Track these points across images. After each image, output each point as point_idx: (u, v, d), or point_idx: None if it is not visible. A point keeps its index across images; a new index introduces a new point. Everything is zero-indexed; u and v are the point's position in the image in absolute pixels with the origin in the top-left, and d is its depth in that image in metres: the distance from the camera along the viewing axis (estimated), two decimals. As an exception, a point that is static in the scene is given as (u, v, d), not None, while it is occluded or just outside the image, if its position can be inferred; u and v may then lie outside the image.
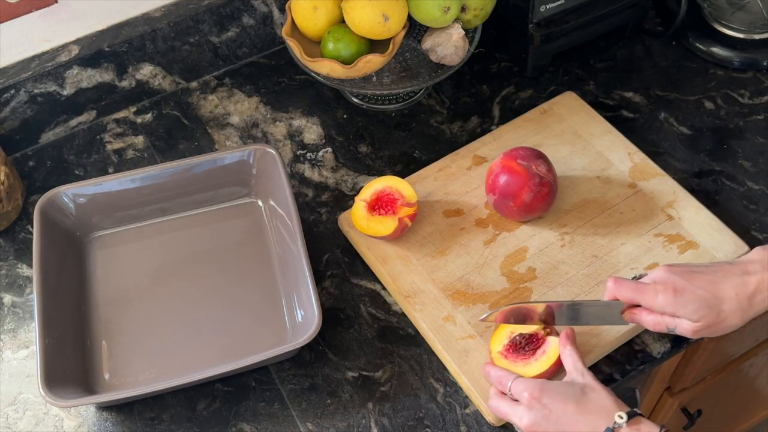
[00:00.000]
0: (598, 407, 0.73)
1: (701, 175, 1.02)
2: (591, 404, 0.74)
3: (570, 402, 0.74)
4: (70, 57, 1.06)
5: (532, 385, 0.75)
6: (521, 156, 0.91)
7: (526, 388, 0.76)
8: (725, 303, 0.76)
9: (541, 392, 0.75)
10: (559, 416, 0.73)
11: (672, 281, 0.78)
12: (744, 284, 0.77)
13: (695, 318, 0.77)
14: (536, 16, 1.07)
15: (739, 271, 0.78)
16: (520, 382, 0.77)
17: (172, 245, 0.97)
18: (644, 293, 0.79)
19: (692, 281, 0.77)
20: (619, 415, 0.72)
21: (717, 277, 0.77)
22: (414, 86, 1.05)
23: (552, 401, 0.74)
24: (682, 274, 0.78)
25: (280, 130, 1.10)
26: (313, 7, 1.01)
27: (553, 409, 0.74)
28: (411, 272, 0.92)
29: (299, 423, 0.85)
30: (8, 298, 0.95)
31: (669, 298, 0.77)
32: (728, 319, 0.77)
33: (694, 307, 0.77)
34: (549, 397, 0.74)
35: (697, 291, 0.77)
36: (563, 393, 0.75)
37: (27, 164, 1.08)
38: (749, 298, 0.76)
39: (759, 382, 1.43)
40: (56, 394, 0.78)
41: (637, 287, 0.79)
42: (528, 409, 0.75)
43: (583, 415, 0.73)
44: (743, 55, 1.14)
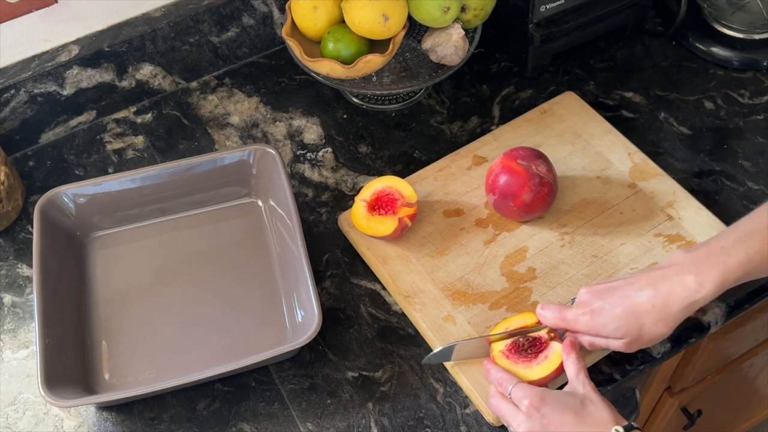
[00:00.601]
0: (596, 420, 0.74)
1: (701, 175, 1.02)
2: (589, 417, 0.74)
3: (568, 413, 0.74)
4: (70, 57, 1.06)
5: (533, 394, 0.75)
6: (521, 156, 0.91)
7: (526, 395, 0.76)
8: (643, 316, 0.77)
9: (541, 402, 0.75)
10: (557, 427, 0.73)
11: (590, 303, 0.79)
12: (658, 294, 0.77)
13: (619, 335, 0.78)
14: (536, 16, 1.07)
15: (655, 279, 0.78)
16: (520, 389, 0.77)
17: (172, 245, 0.97)
18: (567, 320, 0.80)
19: (609, 300, 0.78)
20: (616, 429, 0.72)
21: (632, 290, 0.78)
22: (414, 86, 1.05)
23: (551, 411, 0.74)
24: (600, 294, 0.79)
25: (280, 130, 1.10)
26: (313, 7, 1.01)
27: (552, 420, 0.74)
28: (411, 272, 0.92)
29: (299, 423, 0.85)
30: (8, 298, 0.95)
31: (589, 321, 0.79)
32: (652, 330, 0.77)
33: (614, 326, 0.78)
34: (548, 407, 0.74)
35: (615, 309, 0.78)
36: (563, 403, 0.75)
37: (27, 164, 1.08)
38: (666, 307, 0.77)
39: (759, 382, 1.43)
40: (56, 394, 0.78)
41: (559, 315, 0.81)
42: (527, 418, 0.75)
43: (582, 427, 0.73)
44: (743, 55, 1.14)
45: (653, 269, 0.80)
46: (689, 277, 0.76)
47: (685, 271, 0.77)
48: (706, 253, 0.78)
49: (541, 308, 0.82)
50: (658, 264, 0.81)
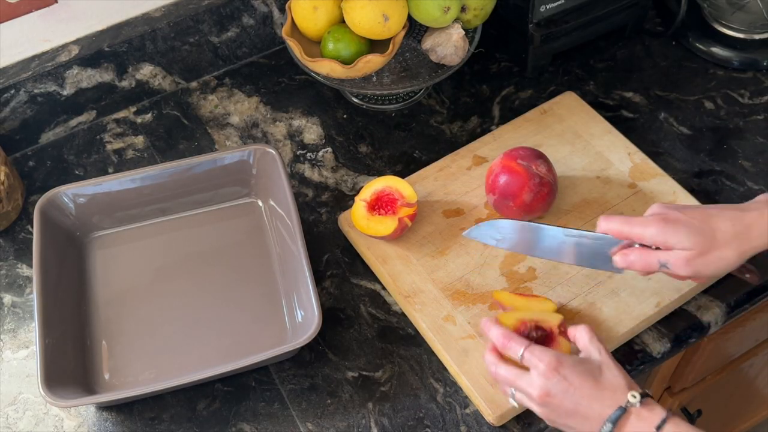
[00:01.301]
0: (614, 386, 0.72)
1: (701, 175, 1.02)
2: (607, 382, 0.72)
3: (589, 378, 0.72)
4: (70, 57, 1.06)
5: (550, 355, 0.73)
6: (521, 156, 0.91)
7: (543, 357, 0.73)
8: (719, 232, 0.74)
9: (560, 364, 0.73)
10: (576, 390, 0.72)
11: (664, 212, 0.77)
12: (741, 217, 0.75)
13: (688, 245, 0.75)
14: (536, 16, 1.07)
15: (737, 207, 0.76)
16: (535, 350, 0.74)
17: (172, 245, 0.97)
18: (633, 225, 0.77)
19: (686, 212, 0.76)
20: (632, 395, 0.71)
21: (712, 210, 0.76)
22: (414, 86, 1.05)
23: (571, 374, 0.72)
24: (677, 207, 0.77)
25: (280, 130, 1.10)
26: (313, 7, 1.01)
27: (572, 383, 0.72)
28: (411, 272, 0.92)
29: (299, 423, 0.85)
30: (8, 298, 0.95)
31: (660, 227, 0.76)
32: (722, 248, 0.74)
33: (685, 233, 0.75)
34: (568, 370, 0.72)
35: (690, 220, 0.75)
36: (582, 368, 0.73)
37: (27, 164, 1.08)
38: (746, 228, 0.74)
39: (759, 382, 1.43)
40: (56, 394, 0.78)
41: (626, 219, 0.78)
42: (545, 379, 0.72)
43: (599, 392, 0.72)
44: (743, 55, 1.14)
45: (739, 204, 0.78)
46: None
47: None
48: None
49: (604, 219, 0.79)
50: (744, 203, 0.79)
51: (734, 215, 0.75)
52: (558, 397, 0.72)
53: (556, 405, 0.73)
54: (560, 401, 0.72)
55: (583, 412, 0.72)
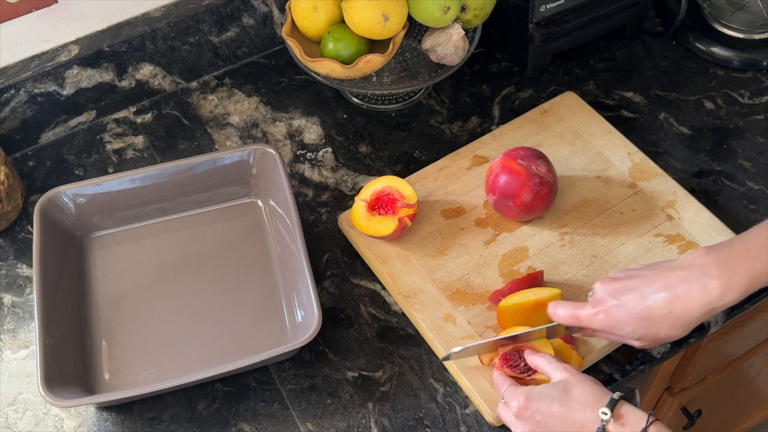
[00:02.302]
0: (582, 403, 0.73)
1: (701, 175, 1.02)
2: (574, 402, 0.73)
3: (554, 404, 0.73)
4: (70, 57, 1.06)
5: (518, 394, 0.75)
6: (521, 156, 0.91)
7: (514, 397, 0.76)
8: (659, 321, 0.75)
9: (527, 400, 0.74)
10: (549, 421, 0.73)
11: (605, 302, 0.77)
12: (676, 299, 0.74)
13: (635, 337, 0.77)
14: (536, 16, 1.07)
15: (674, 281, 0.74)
16: (509, 392, 0.77)
17: (172, 245, 0.97)
18: (580, 319, 0.79)
19: (625, 300, 0.76)
20: (603, 412, 0.71)
21: (649, 292, 0.75)
22: (414, 86, 1.05)
23: (538, 409, 0.74)
24: (616, 293, 0.77)
25: (280, 130, 1.10)
26: (313, 7, 1.01)
27: (543, 417, 0.74)
28: (411, 272, 0.92)
29: (299, 423, 0.85)
30: (8, 298, 0.95)
31: (604, 321, 0.77)
32: (668, 333, 0.76)
33: (629, 328, 0.76)
34: (535, 404, 0.74)
35: (630, 311, 0.76)
36: (547, 397, 0.74)
37: (27, 164, 1.08)
38: (684, 312, 0.74)
39: (759, 382, 1.43)
40: (56, 394, 0.78)
41: (573, 313, 0.79)
42: (519, 420, 0.75)
43: (569, 415, 0.73)
44: (743, 55, 1.14)
45: (672, 267, 0.76)
46: (712, 282, 0.72)
47: (708, 275, 0.73)
48: (731, 256, 0.74)
49: (553, 307, 0.80)
50: (676, 261, 0.77)
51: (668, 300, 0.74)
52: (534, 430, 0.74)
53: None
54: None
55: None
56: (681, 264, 0.76)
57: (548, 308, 0.81)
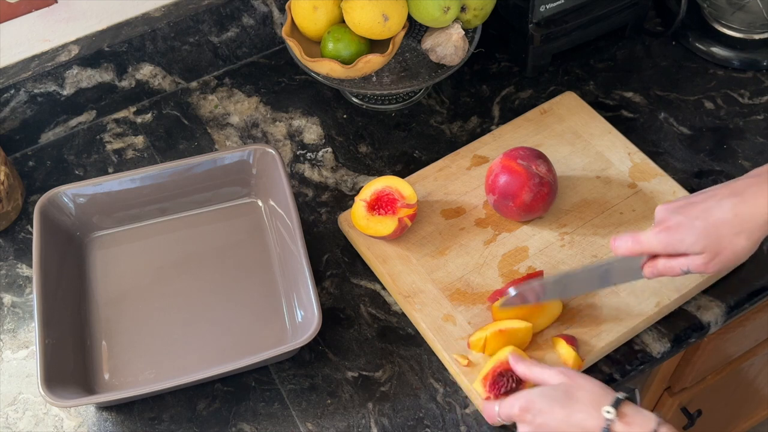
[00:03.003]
0: (585, 404, 0.72)
1: (701, 175, 1.02)
2: (577, 404, 0.72)
3: (556, 407, 0.72)
4: (70, 57, 1.06)
5: (518, 400, 0.75)
6: (521, 156, 0.91)
7: (513, 404, 0.75)
8: (724, 227, 0.72)
9: (528, 403, 0.74)
10: (551, 420, 0.72)
11: (667, 220, 0.75)
12: (742, 201, 0.71)
13: (698, 250, 0.74)
14: (536, 16, 1.07)
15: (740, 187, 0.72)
16: (505, 404, 0.76)
17: (172, 245, 0.97)
18: (642, 243, 0.76)
19: (687, 214, 0.74)
20: (607, 411, 0.70)
21: (713, 202, 0.73)
22: (414, 86, 1.05)
23: (540, 411, 0.73)
24: (678, 210, 0.75)
25: (280, 130, 1.10)
26: (313, 7, 1.01)
27: (545, 419, 0.73)
28: (411, 272, 0.92)
29: (299, 423, 0.85)
30: (8, 298, 0.95)
31: (667, 238, 0.75)
32: (733, 242, 0.72)
33: (692, 239, 0.73)
34: (537, 407, 0.73)
35: (693, 222, 0.73)
36: (549, 399, 0.73)
37: (27, 164, 1.08)
38: (751, 216, 0.71)
39: (759, 382, 1.43)
40: (56, 394, 0.78)
41: (634, 238, 0.77)
42: (522, 424, 0.75)
43: (572, 416, 0.72)
44: (743, 55, 1.14)
45: (739, 178, 0.74)
46: None
47: None
48: None
49: (614, 240, 0.78)
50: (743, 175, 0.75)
51: (735, 203, 0.72)
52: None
53: None
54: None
55: None
56: (749, 174, 0.74)
57: (611, 244, 0.79)
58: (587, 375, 0.76)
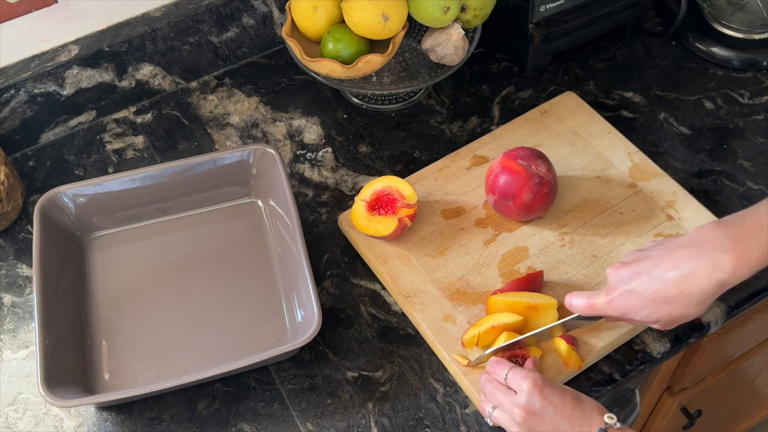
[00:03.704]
0: (591, 407, 0.74)
1: (701, 175, 1.02)
2: (586, 403, 0.75)
3: (568, 398, 0.74)
4: (70, 57, 1.06)
5: (534, 376, 0.76)
6: (521, 156, 0.91)
7: (527, 378, 0.75)
8: (672, 302, 0.74)
9: (543, 384, 0.75)
10: (557, 410, 0.74)
11: (618, 288, 0.77)
12: (685, 277, 0.73)
13: (651, 320, 0.77)
14: (536, 16, 1.07)
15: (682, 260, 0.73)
16: (519, 371, 0.77)
17: (172, 245, 0.97)
18: (597, 309, 0.79)
19: (635, 285, 0.76)
20: (609, 416, 0.73)
21: (658, 273, 0.74)
22: (414, 86, 1.05)
23: (552, 394, 0.74)
24: (627, 280, 0.77)
25: (280, 130, 1.10)
26: (313, 7, 1.01)
27: (553, 401, 0.74)
28: (411, 272, 0.92)
29: (299, 423, 0.85)
30: (8, 298, 0.95)
31: (621, 308, 0.77)
32: (685, 313, 0.75)
33: (644, 312, 0.76)
34: (549, 390, 0.75)
35: (643, 295, 0.75)
36: (561, 389, 0.75)
37: (27, 164, 1.08)
38: (696, 290, 0.72)
39: (759, 382, 1.43)
40: (56, 394, 0.78)
41: (589, 305, 0.79)
42: (528, 397, 0.74)
43: (579, 411, 0.73)
44: (743, 55, 1.14)
45: (680, 245, 0.75)
46: (724, 257, 0.71)
47: (720, 250, 0.71)
48: (742, 230, 0.72)
49: (570, 298, 0.81)
50: (685, 237, 0.75)
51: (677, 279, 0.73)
52: (538, 415, 0.74)
53: (536, 424, 0.74)
54: (540, 420, 0.74)
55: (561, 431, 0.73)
56: (689, 241, 0.74)
57: (565, 300, 0.81)
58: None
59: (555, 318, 0.85)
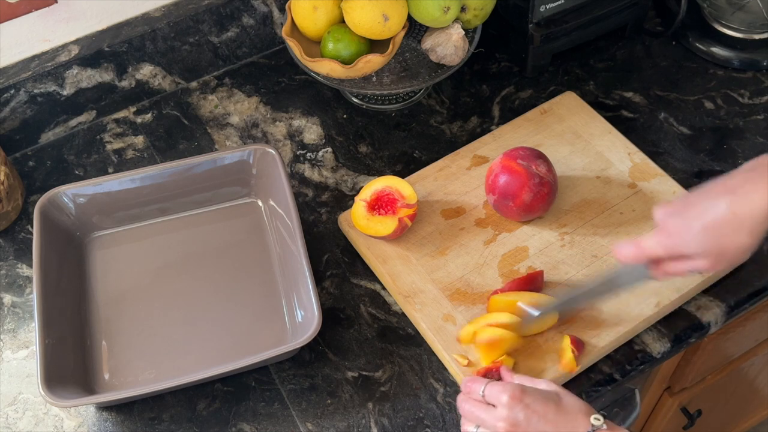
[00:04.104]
0: (575, 410, 0.73)
1: (701, 175, 1.02)
2: (569, 407, 0.73)
3: (550, 404, 0.73)
4: (70, 57, 1.06)
5: (512, 387, 0.74)
6: (521, 156, 0.91)
7: (505, 390, 0.74)
8: (723, 227, 0.71)
9: (522, 393, 0.74)
10: (541, 417, 0.72)
11: (666, 224, 0.75)
12: (739, 199, 0.70)
13: (701, 252, 0.73)
14: (536, 16, 1.07)
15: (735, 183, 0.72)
16: (495, 385, 0.75)
17: (172, 245, 0.97)
18: (644, 248, 0.76)
19: (686, 216, 0.73)
20: (596, 418, 0.72)
21: (709, 202, 0.72)
22: (414, 86, 1.05)
23: (534, 402, 0.73)
24: (676, 212, 0.74)
25: (280, 130, 1.10)
26: (313, 7, 1.01)
27: (536, 410, 0.73)
28: (411, 272, 0.92)
29: (299, 423, 0.85)
30: (8, 298, 0.95)
31: (669, 243, 0.74)
32: (735, 241, 0.71)
33: (694, 242, 0.73)
34: (530, 399, 0.73)
35: (692, 224, 0.72)
36: (543, 396, 0.74)
37: (27, 164, 1.08)
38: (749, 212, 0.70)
39: (759, 382, 1.43)
40: (56, 394, 0.78)
41: (636, 244, 0.76)
42: (509, 410, 0.73)
43: (563, 416, 0.72)
44: (743, 55, 1.14)
45: (734, 173, 0.73)
46: None
47: None
48: None
49: (617, 248, 0.78)
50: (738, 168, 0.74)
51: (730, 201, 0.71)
52: (523, 425, 0.73)
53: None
54: (524, 430, 0.73)
55: None
56: (743, 168, 0.73)
57: (613, 252, 0.79)
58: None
59: (555, 320, 0.85)
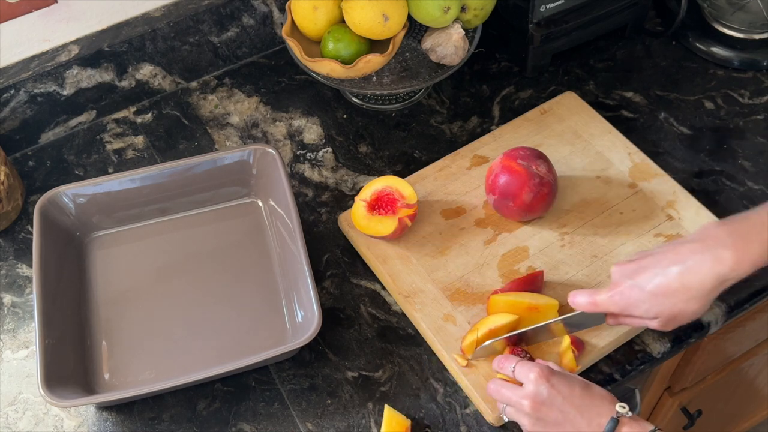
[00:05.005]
0: (601, 395, 0.74)
1: (701, 175, 1.02)
2: (595, 391, 0.74)
3: (576, 386, 0.74)
4: (70, 57, 1.06)
5: (540, 367, 0.76)
6: (521, 156, 0.91)
7: (533, 368, 0.75)
8: (674, 296, 0.75)
9: (550, 373, 0.75)
10: (566, 399, 0.73)
11: (620, 284, 0.78)
12: (688, 271, 0.74)
13: (652, 315, 0.77)
14: (536, 16, 1.07)
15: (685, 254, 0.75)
16: (525, 364, 0.77)
17: (172, 245, 0.97)
18: (599, 304, 0.79)
19: (639, 279, 0.77)
20: (621, 405, 0.72)
21: (661, 268, 0.75)
22: (414, 86, 1.05)
23: (560, 383, 0.74)
24: (630, 275, 0.78)
25: (280, 130, 1.10)
26: (313, 7, 1.01)
27: (561, 390, 0.73)
28: (411, 272, 0.92)
29: (299, 423, 0.85)
30: (8, 298, 0.95)
31: (622, 302, 0.78)
32: (685, 308, 0.76)
33: (645, 306, 0.77)
34: (557, 379, 0.74)
35: (645, 288, 0.76)
36: (570, 378, 0.75)
37: (27, 164, 1.08)
38: (698, 284, 0.74)
39: (759, 382, 1.43)
40: (56, 394, 0.78)
41: (591, 301, 0.80)
42: (535, 386, 0.74)
43: (589, 401, 0.73)
44: (743, 55, 1.14)
45: (684, 242, 0.76)
46: (725, 252, 0.72)
47: (722, 245, 0.73)
48: (744, 227, 0.74)
49: (572, 296, 0.82)
50: (689, 236, 0.78)
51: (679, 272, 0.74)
52: (547, 404, 0.74)
53: (545, 414, 0.74)
54: (549, 410, 0.74)
55: (570, 420, 0.73)
56: (693, 237, 0.76)
57: (568, 298, 0.82)
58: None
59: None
